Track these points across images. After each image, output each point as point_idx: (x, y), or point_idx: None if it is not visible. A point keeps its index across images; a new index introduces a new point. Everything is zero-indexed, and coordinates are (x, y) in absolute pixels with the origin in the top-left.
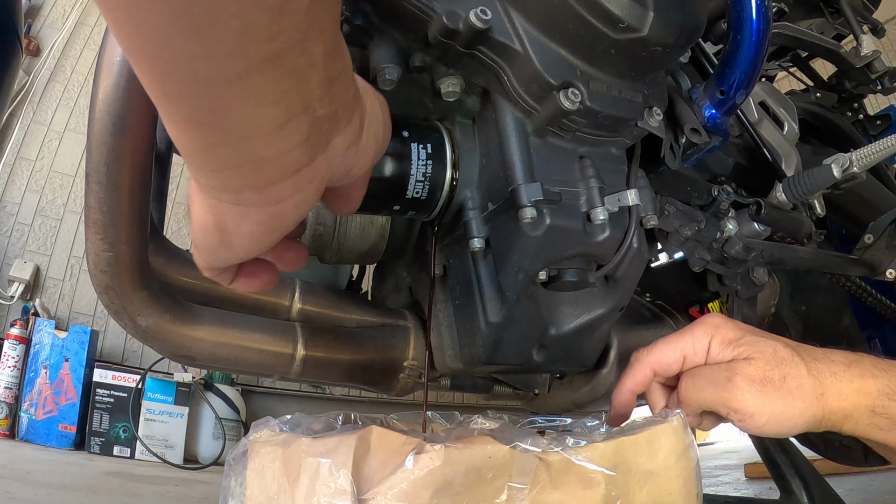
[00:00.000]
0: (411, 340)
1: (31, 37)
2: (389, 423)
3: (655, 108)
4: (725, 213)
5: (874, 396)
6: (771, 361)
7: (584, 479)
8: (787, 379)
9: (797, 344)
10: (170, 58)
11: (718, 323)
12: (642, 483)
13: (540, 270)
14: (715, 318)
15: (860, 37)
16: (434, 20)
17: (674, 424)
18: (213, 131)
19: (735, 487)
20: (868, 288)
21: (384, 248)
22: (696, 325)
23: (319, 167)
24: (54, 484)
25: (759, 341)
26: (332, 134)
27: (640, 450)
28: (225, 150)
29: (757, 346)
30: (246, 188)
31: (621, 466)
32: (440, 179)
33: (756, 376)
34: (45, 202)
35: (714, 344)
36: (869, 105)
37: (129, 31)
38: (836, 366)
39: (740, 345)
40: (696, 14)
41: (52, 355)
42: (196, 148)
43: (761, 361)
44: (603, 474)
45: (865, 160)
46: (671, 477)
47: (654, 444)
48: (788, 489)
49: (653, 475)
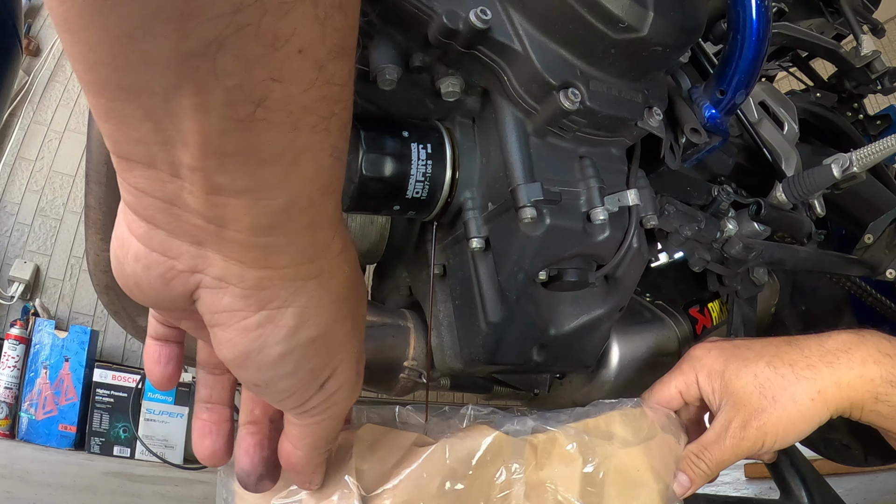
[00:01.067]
0: (411, 340)
1: (31, 37)
2: (405, 414)
3: (655, 108)
4: (725, 213)
5: (877, 384)
6: (755, 394)
7: (565, 458)
8: (777, 399)
9: (782, 344)
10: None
11: (700, 355)
12: (609, 459)
13: (540, 270)
14: (698, 349)
15: (860, 37)
16: (434, 20)
17: (624, 410)
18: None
19: (735, 487)
20: (868, 288)
21: (384, 248)
22: (683, 361)
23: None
24: (54, 484)
25: (740, 373)
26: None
27: (600, 431)
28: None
29: (738, 381)
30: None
31: (590, 446)
32: (440, 179)
33: (749, 417)
34: (45, 202)
35: (701, 378)
36: (869, 105)
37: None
38: (832, 355)
39: (723, 382)
40: (696, 14)
41: (52, 355)
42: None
43: (747, 398)
44: (578, 452)
45: (865, 160)
46: (634, 454)
47: (610, 425)
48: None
49: (616, 453)
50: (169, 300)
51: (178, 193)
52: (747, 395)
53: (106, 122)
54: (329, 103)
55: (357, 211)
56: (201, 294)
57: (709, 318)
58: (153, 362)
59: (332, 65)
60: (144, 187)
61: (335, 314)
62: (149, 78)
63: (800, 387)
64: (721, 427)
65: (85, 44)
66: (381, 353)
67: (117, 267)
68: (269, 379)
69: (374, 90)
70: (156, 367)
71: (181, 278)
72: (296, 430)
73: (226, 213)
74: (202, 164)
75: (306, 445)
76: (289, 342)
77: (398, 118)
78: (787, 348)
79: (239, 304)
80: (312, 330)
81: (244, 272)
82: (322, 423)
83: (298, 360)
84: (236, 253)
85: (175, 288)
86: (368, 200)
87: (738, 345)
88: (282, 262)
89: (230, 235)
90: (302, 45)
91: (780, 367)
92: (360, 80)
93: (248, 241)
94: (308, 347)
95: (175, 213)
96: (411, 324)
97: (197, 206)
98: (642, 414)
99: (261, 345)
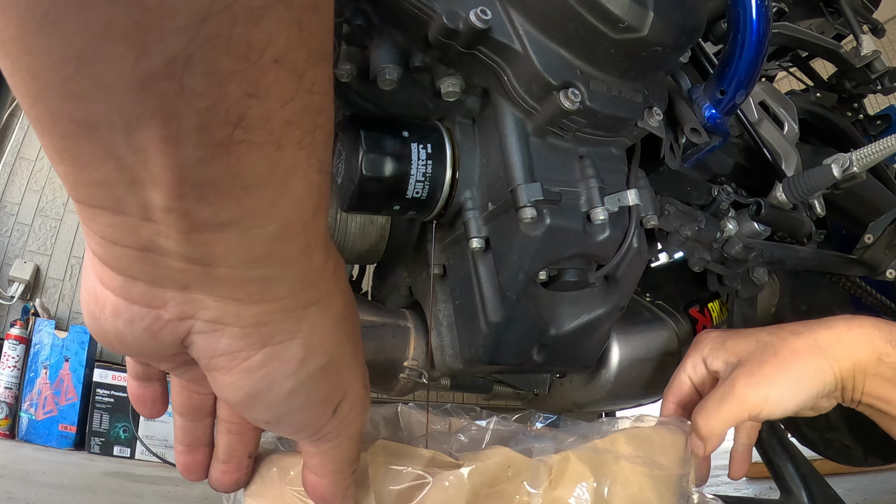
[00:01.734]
0: (411, 340)
1: None
2: (406, 412)
3: (655, 108)
4: (725, 213)
5: (878, 343)
6: (756, 351)
7: (577, 477)
8: (778, 353)
9: (784, 325)
10: None
11: (702, 338)
12: (615, 479)
13: (540, 270)
14: (700, 336)
15: (860, 37)
16: (434, 20)
17: (627, 431)
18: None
19: (735, 487)
20: (868, 288)
21: (384, 248)
22: (688, 349)
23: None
24: (54, 484)
25: (742, 339)
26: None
27: (610, 450)
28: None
29: (741, 344)
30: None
31: (599, 465)
32: (440, 179)
33: (751, 368)
34: (45, 202)
35: (705, 352)
36: (869, 105)
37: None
38: (830, 321)
39: (725, 348)
40: (696, 14)
41: (52, 355)
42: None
43: (749, 355)
44: (590, 472)
45: (865, 160)
46: (637, 473)
47: (615, 445)
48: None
49: (621, 472)
50: (157, 351)
51: (154, 238)
52: (749, 353)
53: (60, 163)
54: (312, 115)
55: (357, 211)
56: (194, 339)
57: (709, 318)
58: (140, 404)
59: (312, 73)
60: (112, 236)
61: (339, 336)
62: (105, 108)
63: (800, 342)
64: (726, 383)
65: (27, 71)
66: (381, 353)
67: (93, 323)
68: (280, 415)
69: (374, 90)
70: (143, 408)
71: (170, 328)
72: (316, 460)
73: (212, 250)
74: (178, 203)
75: (330, 472)
76: (298, 375)
77: (398, 118)
78: (788, 324)
79: (239, 345)
80: (321, 358)
81: (241, 310)
82: (340, 445)
83: (310, 392)
84: (230, 291)
85: (164, 339)
86: (368, 200)
87: (740, 329)
88: (280, 293)
89: (221, 273)
90: (278, 55)
91: (780, 332)
92: (360, 80)
93: (241, 277)
94: (318, 377)
95: (153, 261)
96: (411, 324)
97: (177, 249)
98: (650, 433)
99: (269, 384)
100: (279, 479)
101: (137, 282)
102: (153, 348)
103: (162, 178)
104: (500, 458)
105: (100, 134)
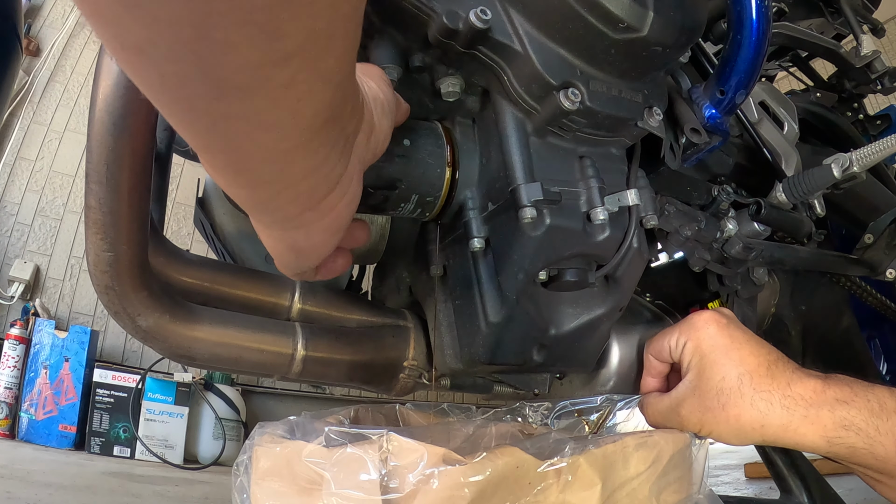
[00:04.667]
0: (411, 340)
1: (31, 37)
2: (405, 412)
3: (655, 107)
4: (725, 213)
5: (829, 428)
6: (711, 391)
7: (585, 482)
8: (726, 408)
9: (765, 362)
10: (254, 148)
11: (699, 327)
12: (621, 487)
13: (540, 270)
14: (699, 319)
15: (860, 37)
16: (434, 20)
17: (636, 435)
18: (278, 184)
19: (735, 487)
20: (868, 288)
21: (384, 248)
22: (684, 323)
23: (354, 166)
24: (54, 484)
25: (716, 366)
26: (356, 135)
27: (618, 457)
28: (286, 193)
29: (710, 372)
30: (305, 211)
31: (608, 471)
32: (440, 179)
33: (697, 405)
34: (45, 202)
35: (687, 347)
36: (869, 105)
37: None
38: (792, 400)
39: (701, 363)
40: (696, 14)
41: (52, 355)
42: (261, 200)
43: (706, 391)
44: (598, 477)
45: (865, 160)
46: (642, 482)
47: (625, 452)
48: (788, 489)
49: (628, 481)
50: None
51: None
52: (707, 390)
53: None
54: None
55: (357, 211)
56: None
57: None
58: None
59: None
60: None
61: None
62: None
63: (748, 414)
64: (677, 395)
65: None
66: (381, 353)
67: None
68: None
69: None
70: None
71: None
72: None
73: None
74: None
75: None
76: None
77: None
78: (764, 370)
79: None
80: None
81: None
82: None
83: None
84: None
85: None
86: (368, 201)
87: (734, 336)
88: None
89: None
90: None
91: (745, 386)
92: None
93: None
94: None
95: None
96: (411, 324)
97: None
98: (657, 438)
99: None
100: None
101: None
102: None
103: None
104: (508, 459)
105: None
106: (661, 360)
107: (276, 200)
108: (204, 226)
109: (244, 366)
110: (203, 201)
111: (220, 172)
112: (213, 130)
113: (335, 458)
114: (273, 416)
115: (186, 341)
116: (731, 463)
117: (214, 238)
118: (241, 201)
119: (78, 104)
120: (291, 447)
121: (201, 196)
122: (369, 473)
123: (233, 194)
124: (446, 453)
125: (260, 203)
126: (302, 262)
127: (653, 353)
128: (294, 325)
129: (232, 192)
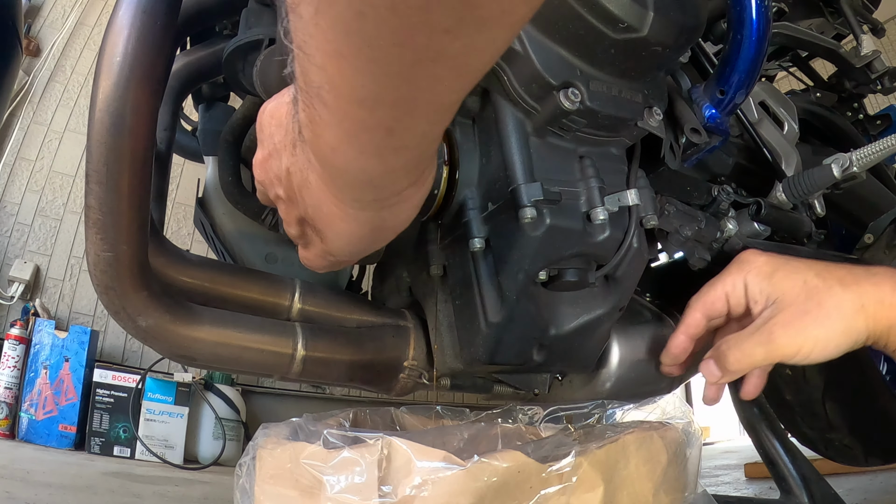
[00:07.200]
0: (411, 340)
1: (31, 37)
2: (400, 416)
3: (655, 107)
4: (725, 213)
5: None
6: (802, 294)
7: (587, 484)
8: (822, 304)
9: (831, 266)
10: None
11: (750, 259)
12: (622, 486)
13: (540, 270)
14: (748, 254)
15: (860, 37)
16: None
17: (642, 435)
18: (415, 150)
19: (735, 487)
20: None
21: (384, 248)
22: (732, 265)
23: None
24: (54, 484)
25: (790, 276)
26: None
27: (619, 455)
28: (411, 161)
29: (787, 283)
30: (409, 186)
31: (610, 472)
32: (439, 179)
33: (792, 317)
34: (45, 202)
35: (749, 278)
36: (869, 105)
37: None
38: (878, 276)
39: (772, 282)
40: (696, 14)
41: (52, 355)
42: (390, 169)
43: (793, 300)
44: (600, 478)
45: (865, 160)
46: (643, 479)
47: (626, 449)
48: (788, 489)
49: (629, 479)
50: None
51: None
52: (794, 296)
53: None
54: None
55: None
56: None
57: None
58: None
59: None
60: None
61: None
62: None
63: (846, 297)
64: (763, 322)
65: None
66: (382, 353)
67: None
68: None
69: None
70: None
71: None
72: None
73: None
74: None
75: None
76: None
77: None
78: (834, 265)
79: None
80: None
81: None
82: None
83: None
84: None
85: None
86: None
87: (788, 257)
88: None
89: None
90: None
91: (829, 280)
92: None
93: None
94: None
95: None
96: (411, 324)
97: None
98: (655, 436)
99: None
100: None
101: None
102: None
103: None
104: (509, 462)
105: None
106: (713, 315)
107: (399, 171)
108: (204, 226)
109: (244, 366)
110: (203, 201)
111: (371, 132)
112: (417, 66)
113: (333, 462)
114: (273, 417)
115: (186, 341)
116: (731, 463)
117: (214, 238)
118: (360, 173)
119: (78, 104)
120: (295, 449)
121: (201, 196)
122: (365, 477)
123: (358, 165)
124: (446, 456)
125: (386, 173)
126: (377, 242)
127: (705, 309)
128: (294, 325)
129: (359, 163)
